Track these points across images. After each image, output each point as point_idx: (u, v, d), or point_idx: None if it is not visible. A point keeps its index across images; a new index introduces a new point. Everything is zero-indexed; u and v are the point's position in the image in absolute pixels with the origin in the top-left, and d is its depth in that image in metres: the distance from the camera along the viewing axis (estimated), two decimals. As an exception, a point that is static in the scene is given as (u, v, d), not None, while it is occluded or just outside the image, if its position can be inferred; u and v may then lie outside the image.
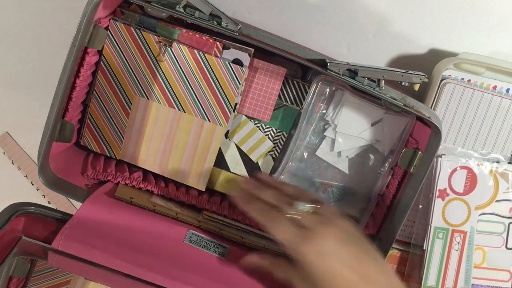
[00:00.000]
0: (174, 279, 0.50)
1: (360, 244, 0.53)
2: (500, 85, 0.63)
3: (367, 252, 0.53)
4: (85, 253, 0.49)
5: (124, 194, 0.59)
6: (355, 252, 0.51)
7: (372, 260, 0.52)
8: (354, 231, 0.54)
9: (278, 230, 0.51)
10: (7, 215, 0.52)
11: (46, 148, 0.55)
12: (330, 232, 0.52)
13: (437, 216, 0.63)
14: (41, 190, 0.78)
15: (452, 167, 0.63)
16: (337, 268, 0.50)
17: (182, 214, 0.59)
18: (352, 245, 0.52)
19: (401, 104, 0.54)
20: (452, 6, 0.64)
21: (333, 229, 0.52)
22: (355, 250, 0.52)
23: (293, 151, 0.63)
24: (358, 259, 0.51)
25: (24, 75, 0.73)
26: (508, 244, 0.65)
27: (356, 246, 0.52)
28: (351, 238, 0.53)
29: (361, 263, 0.51)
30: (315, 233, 0.51)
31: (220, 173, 0.64)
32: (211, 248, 0.57)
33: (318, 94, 0.61)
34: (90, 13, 0.51)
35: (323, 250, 0.50)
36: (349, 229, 0.54)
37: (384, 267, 0.53)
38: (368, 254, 0.53)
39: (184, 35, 0.58)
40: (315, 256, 0.50)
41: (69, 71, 0.52)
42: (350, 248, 0.51)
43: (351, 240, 0.53)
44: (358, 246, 0.52)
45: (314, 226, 0.52)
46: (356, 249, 0.52)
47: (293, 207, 0.53)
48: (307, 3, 0.65)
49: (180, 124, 0.61)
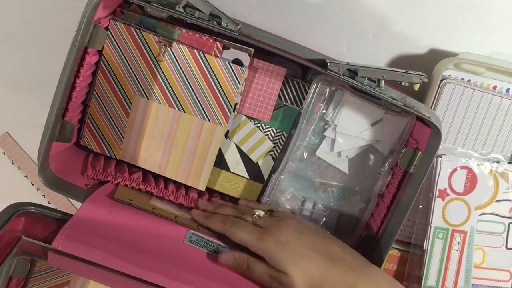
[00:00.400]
0: (174, 279, 0.49)
1: (320, 232, 0.55)
2: (500, 85, 0.63)
3: (329, 238, 0.54)
4: (85, 253, 0.49)
5: (123, 196, 0.59)
6: (315, 239, 0.53)
7: (336, 243, 0.54)
8: (311, 225, 0.57)
9: (239, 233, 0.55)
10: (7, 215, 0.52)
11: (46, 148, 0.55)
12: (286, 224, 0.54)
13: (437, 216, 0.63)
14: (41, 190, 0.78)
15: (452, 167, 0.63)
16: (299, 250, 0.51)
17: (181, 217, 0.59)
18: (311, 233, 0.54)
19: (401, 104, 0.54)
20: (452, 6, 0.64)
21: (289, 222, 0.55)
22: (314, 237, 0.53)
23: (293, 151, 0.63)
24: (320, 242, 0.53)
25: (24, 75, 0.73)
26: (508, 244, 0.65)
27: (315, 234, 0.54)
28: (309, 228, 0.55)
29: (323, 246, 0.52)
30: (272, 227, 0.54)
31: (220, 173, 0.64)
32: (211, 248, 0.57)
33: (318, 94, 0.61)
34: (90, 13, 0.51)
35: (281, 239, 0.52)
36: (305, 223, 0.57)
37: (350, 249, 0.54)
38: (332, 239, 0.54)
39: (184, 35, 0.58)
40: (275, 246, 0.52)
41: (69, 71, 0.52)
42: (310, 236, 0.53)
43: (308, 230, 0.55)
44: (317, 234, 0.54)
45: (270, 223, 0.55)
46: (316, 236, 0.54)
47: (251, 213, 0.58)
48: (307, 3, 0.65)
49: (180, 124, 0.61)
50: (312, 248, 0.52)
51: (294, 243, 0.52)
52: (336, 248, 0.53)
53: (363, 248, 0.63)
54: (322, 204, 0.65)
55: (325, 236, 0.55)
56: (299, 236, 0.53)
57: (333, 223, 0.65)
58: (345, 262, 0.51)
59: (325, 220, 0.65)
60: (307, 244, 0.52)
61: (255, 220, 0.57)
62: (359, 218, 0.64)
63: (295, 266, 0.50)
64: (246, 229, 0.55)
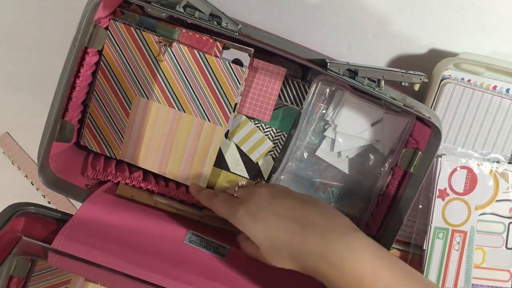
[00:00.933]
0: (174, 279, 0.49)
1: (298, 198, 0.52)
2: (500, 85, 0.63)
3: (309, 203, 0.51)
4: (85, 253, 0.49)
5: (125, 192, 0.59)
6: (288, 203, 0.50)
7: (316, 209, 0.50)
8: (289, 190, 0.54)
9: (217, 205, 0.54)
10: (7, 215, 0.52)
11: (46, 148, 0.55)
12: (259, 193, 0.52)
13: (437, 216, 0.63)
14: (41, 190, 0.78)
15: (452, 167, 0.63)
16: (269, 221, 0.49)
17: (183, 210, 0.59)
18: (285, 197, 0.51)
19: (401, 104, 0.54)
20: (452, 6, 0.64)
21: (262, 189, 0.53)
22: (290, 202, 0.50)
23: (293, 151, 0.63)
24: (294, 208, 0.50)
25: (24, 75, 0.73)
26: (508, 244, 0.65)
27: (291, 199, 0.51)
28: (285, 193, 0.53)
29: (298, 211, 0.49)
30: (245, 196, 0.52)
31: (220, 173, 0.64)
32: (211, 248, 0.57)
33: (318, 94, 0.61)
34: (90, 13, 0.51)
35: (252, 209, 0.50)
36: (282, 188, 0.54)
37: (334, 216, 0.50)
38: (312, 205, 0.51)
39: (184, 35, 0.58)
40: (247, 217, 0.50)
41: (69, 71, 0.52)
42: (283, 201, 0.50)
43: (283, 194, 0.52)
44: (294, 199, 0.51)
45: (246, 192, 0.53)
46: (291, 202, 0.50)
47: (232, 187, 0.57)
48: (307, 3, 0.65)
49: (180, 124, 0.61)
50: (283, 214, 0.49)
51: (265, 211, 0.49)
52: (313, 214, 0.49)
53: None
54: (322, 204, 0.65)
55: (305, 201, 0.51)
56: (272, 202, 0.50)
57: (333, 223, 0.65)
58: (319, 229, 0.47)
59: (325, 220, 0.65)
60: (279, 210, 0.49)
61: (236, 192, 0.56)
62: (359, 218, 0.64)
63: (264, 236, 0.48)
64: (223, 200, 0.54)
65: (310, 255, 0.46)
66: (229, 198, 0.54)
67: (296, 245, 0.47)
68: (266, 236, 0.48)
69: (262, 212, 0.49)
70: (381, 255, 0.46)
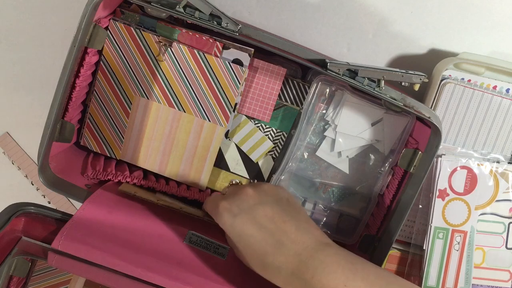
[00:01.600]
0: (174, 279, 0.49)
1: (281, 203, 0.51)
2: (500, 85, 0.63)
3: (286, 210, 0.50)
4: (85, 253, 0.49)
5: (128, 188, 0.59)
6: (270, 212, 0.49)
7: (293, 221, 0.48)
8: (281, 194, 0.52)
9: (205, 203, 0.54)
10: (7, 215, 0.52)
11: (46, 148, 0.55)
12: (245, 193, 0.50)
13: (437, 216, 0.63)
14: (41, 190, 0.77)
15: (452, 167, 0.63)
16: (247, 228, 0.48)
17: (186, 208, 0.59)
18: (269, 205, 0.49)
19: (401, 104, 0.54)
20: (452, 6, 0.64)
21: (249, 190, 0.51)
22: (270, 209, 0.49)
23: (293, 151, 0.63)
24: (272, 219, 0.48)
25: (24, 75, 0.73)
26: (508, 244, 0.65)
27: (273, 205, 0.49)
28: (271, 197, 0.51)
29: (276, 223, 0.48)
30: (231, 195, 0.51)
31: (220, 173, 0.64)
32: (211, 249, 0.57)
33: (318, 94, 0.61)
34: (90, 13, 0.51)
35: (234, 208, 0.49)
36: (273, 190, 0.52)
37: (305, 224, 0.49)
38: (287, 214, 0.49)
39: (184, 35, 0.58)
40: (228, 214, 0.49)
41: (69, 71, 0.52)
42: (267, 208, 0.49)
43: (269, 199, 0.50)
44: (275, 205, 0.50)
45: (232, 191, 0.52)
46: (273, 208, 0.49)
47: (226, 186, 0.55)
48: (307, 3, 0.65)
49: (180, 124, 0.61)
50: (261, 224, 0.48)
51: (245, 215, 0.48)
52: (292, 230, 0.48)
53: (364, 248, 0.63)
54: (323, 204, 0.65)
55: (287, 213, 0.49)
56: (254, 207, 0.49)
57: (333, 223, 0.65)
58: (294, 247, 0.46)
59: (325, 220, 0.65)
60: (258, 218, 0.48)
61: (227, 188, 0.55)
62: (359, 218, 0.64)
63: (240, 239, 0.48)
64: (212, 197, 0.54)
65: (281, 270, 0.46)
66: (218, 197, 0.53)
67: (269, 258, 0.47)
68: (241, 240, 0.48)
69: (242, 215, 0.49)
70: (354, 267, 0.45)
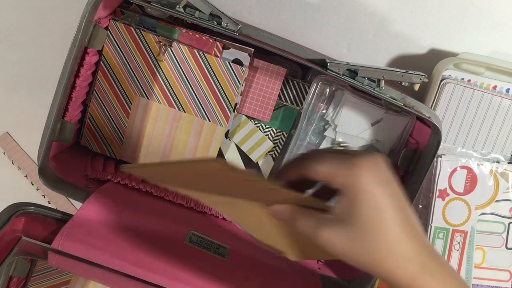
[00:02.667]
0: (174, 279, 0.49)
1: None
2: (500, 85, 0.63)
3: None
4: (85, 253, 0.49)
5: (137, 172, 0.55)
6: (400, 192, 0.39)
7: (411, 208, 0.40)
8: None
9: (318, 162, 0.39)
10: (7, 215, 0.52)
11: (46, 148, 0.55)
12: (382, 158, 0.39)
13: (437, 216, 0.63)
14: (41, 190, 0.77)
15: (452, 167, 0.63)
16: (386, 202, 0.38)
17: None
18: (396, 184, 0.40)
19: (401, 104, 0.54)
20: (452, 6, 0.64)
21: (380, 158, 0.40)
22: (399, 189, 0.40)
23: (293, 151, 0.63)
24: (402, 201, 0.39)
25: (24, 75, 0.73)
26: (508, 244, 0.65)
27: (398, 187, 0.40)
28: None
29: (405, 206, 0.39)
30: (366, 156, 0.39)
31: (220, 173, 0.64)
32: (211, 249, 0.57)
33: (318, 94, 0.61)
34: (90, 13, 0.51)
35: (377, 174, 0.38)
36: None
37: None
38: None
39: (184, 35, 0.58)
40: (372, 181, 0.38)
41: (69, 71, 0.52)
42: (396, 186, 0.39)
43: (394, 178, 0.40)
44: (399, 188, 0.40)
45: (360, 152, 0.40)
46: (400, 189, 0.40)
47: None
48: (307, 3, 0.65)
49: (180, 124, 0.61)
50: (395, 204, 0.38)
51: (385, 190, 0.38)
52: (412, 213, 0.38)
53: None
54: (322, 204, 0.65)
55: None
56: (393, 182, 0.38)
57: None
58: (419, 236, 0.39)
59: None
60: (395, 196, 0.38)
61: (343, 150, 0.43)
62: (359, 218, 0.64)
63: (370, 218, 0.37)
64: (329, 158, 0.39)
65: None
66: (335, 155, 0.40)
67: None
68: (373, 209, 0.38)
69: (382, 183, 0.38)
70: None
